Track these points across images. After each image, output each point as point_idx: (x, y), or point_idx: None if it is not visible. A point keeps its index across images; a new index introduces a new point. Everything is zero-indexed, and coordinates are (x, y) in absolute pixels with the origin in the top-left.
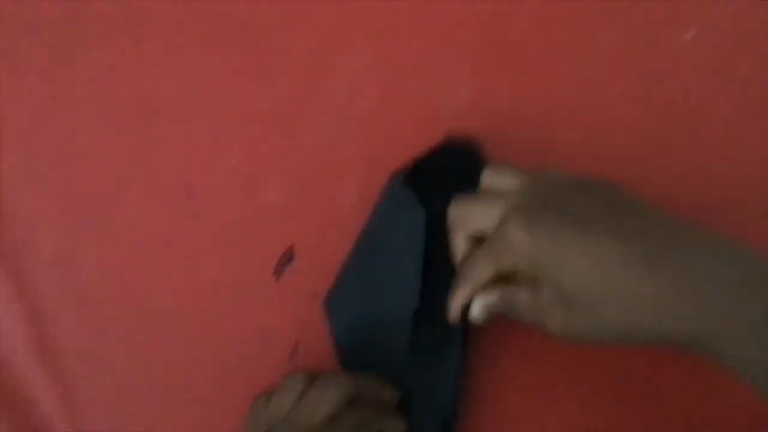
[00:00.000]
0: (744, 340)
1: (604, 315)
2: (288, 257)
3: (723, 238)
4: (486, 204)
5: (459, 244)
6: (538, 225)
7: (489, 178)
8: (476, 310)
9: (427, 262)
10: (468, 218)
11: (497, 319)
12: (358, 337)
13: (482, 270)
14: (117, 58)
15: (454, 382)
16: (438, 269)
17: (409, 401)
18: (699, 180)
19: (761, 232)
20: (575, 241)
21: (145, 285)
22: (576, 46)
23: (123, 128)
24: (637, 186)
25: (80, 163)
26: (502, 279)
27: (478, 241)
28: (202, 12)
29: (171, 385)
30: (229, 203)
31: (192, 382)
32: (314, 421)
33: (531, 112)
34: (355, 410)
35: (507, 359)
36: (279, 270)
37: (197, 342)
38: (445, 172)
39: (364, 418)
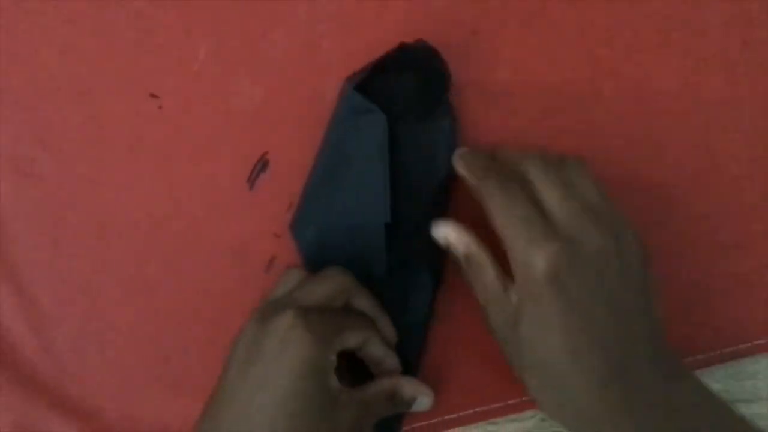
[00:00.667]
0: None
1: (528, 379)
2: (262, 165)
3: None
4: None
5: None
6: (558, 280)
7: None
8: (443, 235)
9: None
10: (505, 200)
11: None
12: (327, 259)
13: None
14: None
15: (429, 299)
16: (400, 177)
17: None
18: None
19: None
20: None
21: (111, 196)
22: None
23: (84, 30)
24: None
25: (37, 61)
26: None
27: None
28: None
29: (140, 300)
30: (197, 108)
31: (163, 296)
32: (312, 298)
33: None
34: (351, 314)
35: None
36: (253, 179)
37: (167, 255)
38: (402, 75)
39: (356, 323)
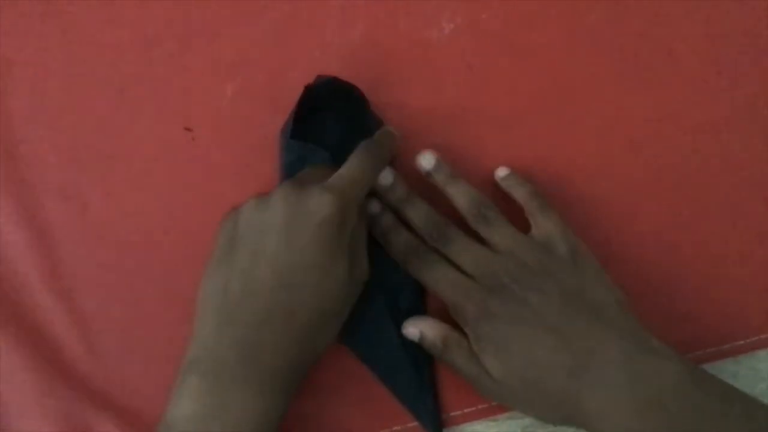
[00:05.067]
0: None
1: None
2: None
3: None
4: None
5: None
6: (507, 356)
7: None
8: (416, 332)
9: None
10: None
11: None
12: None
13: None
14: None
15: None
16: None
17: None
18: None
19: None
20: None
21: (149, 216)
22: None
23: (124, 66)
24: None
25: (85, 99)
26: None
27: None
28: None
29: (176, 308)
30: (225, 139)
31: (191, 310)
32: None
33: (517, 38)
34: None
35: None
36: None
37: (199, 267)
38: (323, 110)
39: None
